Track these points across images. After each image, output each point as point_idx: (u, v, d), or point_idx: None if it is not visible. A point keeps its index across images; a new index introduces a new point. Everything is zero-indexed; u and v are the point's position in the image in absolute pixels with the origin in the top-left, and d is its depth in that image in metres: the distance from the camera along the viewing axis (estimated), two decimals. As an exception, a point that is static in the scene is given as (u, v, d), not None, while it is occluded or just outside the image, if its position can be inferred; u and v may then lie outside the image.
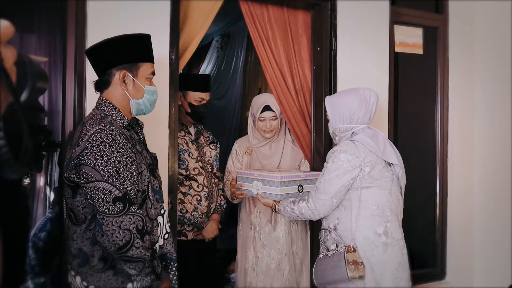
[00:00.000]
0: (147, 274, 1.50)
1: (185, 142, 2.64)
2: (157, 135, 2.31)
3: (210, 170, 2.70)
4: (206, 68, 5.68)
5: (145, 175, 1.61)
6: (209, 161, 2.72)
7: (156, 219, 1.66)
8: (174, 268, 1.75)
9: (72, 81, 2.19)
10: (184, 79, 2.69)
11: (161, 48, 2.30)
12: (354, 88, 2.20)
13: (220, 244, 2.86)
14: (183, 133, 2.65)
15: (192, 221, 2.55)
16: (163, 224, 1.71)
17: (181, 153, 2.58)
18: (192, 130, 2.72)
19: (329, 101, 2.20)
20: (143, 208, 1.58)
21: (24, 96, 0.74)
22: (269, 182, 2.33)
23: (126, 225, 1.44)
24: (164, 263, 1.73)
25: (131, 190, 1.49)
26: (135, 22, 2.25)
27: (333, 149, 2.05)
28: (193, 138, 2.68)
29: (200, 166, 2.63)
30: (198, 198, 2.58)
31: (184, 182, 2.57)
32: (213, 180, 2.69)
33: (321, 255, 2.09)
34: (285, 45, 2.78)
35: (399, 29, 3.13)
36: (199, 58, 5.92)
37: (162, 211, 1.72)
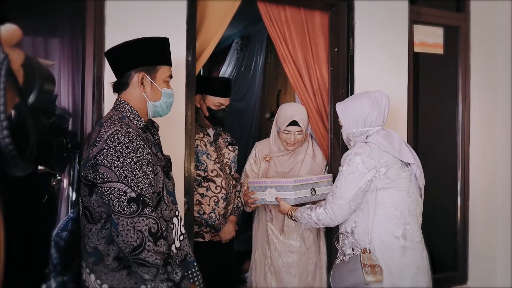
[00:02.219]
0: (162, 280, 1.48)
1: (204, 143, 2.63)
2: (173, 137, 2.33)
3: (228, 172, 2.70)
4: (226, 70, 5.70)
5: (160, 177, 1.62)
6: (227, 163, 2.72)
7: (170, 221, 1.67)
8: (196, 268, 1.76)
9: (90, 83, 2.23)
10: (204, 83, 2.69)
11: (177, 50, 2.32)
12: (364, 92, 2.19)
13: (237, 245, 2.86)
14: (201, 135, 2.65)
15: (210, 222, 2.55)
16: (178, 225, 1.72)
17: (199, 154, 2.59)
18: (210, 131, 2.71)
19: (340, 107, 2.17)
20: (158, 210, 1.59)
21: (32, 98, 0.75)
22: (282, 188, 2.35)
23: (139, 226, 1.45)
24: (188, 271, 1.73)
25: (146, 191, 1.50)
26: (152, 24, 2.28)
27: (347, 152, 2.03)
28: (211, 140, 2.68)
29: (219, 168, 2.63)
30: (216, 200, 2.58)
31: (202, 183, 2.58)
32: (231, 181, 2.69)
33: (337, 261, 2.06)
34: (303, 45, 2.78)
35: (418, 29, 3.09)
36: (219, 60, 5.95)
37: (177, 213, 1.73)
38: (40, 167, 3.07)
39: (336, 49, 2.79)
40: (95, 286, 1.57)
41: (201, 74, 6.29)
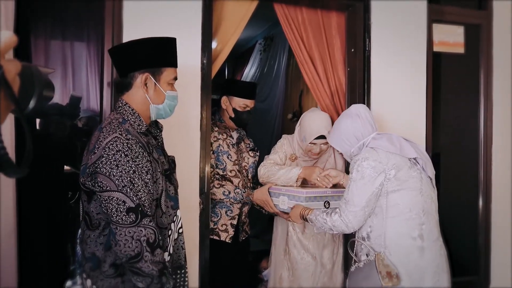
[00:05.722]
0: None
1: (226, 144, 2.66)
2: (189, 138, 2.38)
3: (245, 175, 2.73)
4: (249, 71, 5.74)
5: (160, 183, 1.59)
6: (246, 167, 2.73)
7: (167, 227, 1.65)
8: (182, 275, 1.74)
9: (109, 86, 2.28)
10: (231, 84, 2.76)
11: (193, 53, 2.37)
12: (341, 114, 2.27)
13: (254, 245, 2.88)
14: (225, 136, 2.68)
15: (238, 199, 2.56)
16: (174, 230, 1.70)
17: (220, 154, 2.62)
18: (234, 134, 2.74)
19: (331, 139, 2.25)
20: (154, 217, 1.56)
21: (32, 104, 0.79)
22: (294, 197, 2.36)
23: (138, 236, 1.43)
24: (177, 275, 1.73)
25: (145, 200, 1.48)
26: (169, 26, 2.33)
27: (355, 158, 2.03)
28: (234, 142, 2.70)
29: (237, 170, 2.67)
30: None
31: (221, 181, 2.61)
32: (248, 184, 2.72)
33: (352, 268, 2.05)
34: (320, 47, 2.78)
35: (438, 28, 3.04)
36: (243, 61, 6.00)
37: (175, 218, 1.70)
38: (66, 167, 3.19)
39: (352, 50, 2.78)
40: None
41: (226, 75, 6.37)
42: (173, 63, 1.69)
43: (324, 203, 2.35)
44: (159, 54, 1.65)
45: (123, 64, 1.66)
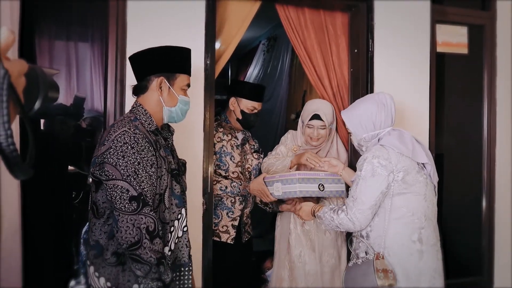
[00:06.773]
0: (152, 279, 1.53)
1: (230, 145, 2.67)
2: (192, 139, 2.40)
3: (248, 176, 2.73)
4: (253, 71, 5.73)
5: (164, 180, 1.67)
6: (249, 169, 2.73)
7: (169, 223, 1.71)
8: (186, 272, 1.79)
9: (113, 86, 2.31)
10: (240, 86, 2.78)
11: (196, 53, 2.37)
12: (366, 96, 2.22)
13: (257, 245, 2.88)
14: (230, 137, 2.69)
15: (235, 192, 2.57)
16: (177, 228, 1.76)
17: (223, 155, 2.63)
18: (239, 136, 2.75)
19: (346, 114, 2.16)
20: (157, 211, 1.64)
21: (37, 105, 0.80)
22: (287, 181, 2.35)
23: (138, 223, 1.52)
24: (180, 272, 1.77)
25: (147, 191, 1.56)
26: (172, 27, 2.35)
27: (364, 156, 2.00)
28: (238, 143, 2.71)
29: (240, 171, 2.67)
30: (233, 201, 2.62)
31: (218, 178, 2.61)
32: None
33: (350, 263, 2.07)
34: (322, 47, 2.78)
35: (441, 28, 3.03)
36: (246, 62, 6.00)
37: (179, 216, 1.77)
38: (70, 167, 3.21)
39: (356, 50, 2.78)
40: (93, 277, 1.64)
41: (229, 76, 6.37)
42: (187, 71, 1.81)
43: (319, 185, 2.35)
44: (174, 60, 1.77)
45: (141, 68, 1.77)
